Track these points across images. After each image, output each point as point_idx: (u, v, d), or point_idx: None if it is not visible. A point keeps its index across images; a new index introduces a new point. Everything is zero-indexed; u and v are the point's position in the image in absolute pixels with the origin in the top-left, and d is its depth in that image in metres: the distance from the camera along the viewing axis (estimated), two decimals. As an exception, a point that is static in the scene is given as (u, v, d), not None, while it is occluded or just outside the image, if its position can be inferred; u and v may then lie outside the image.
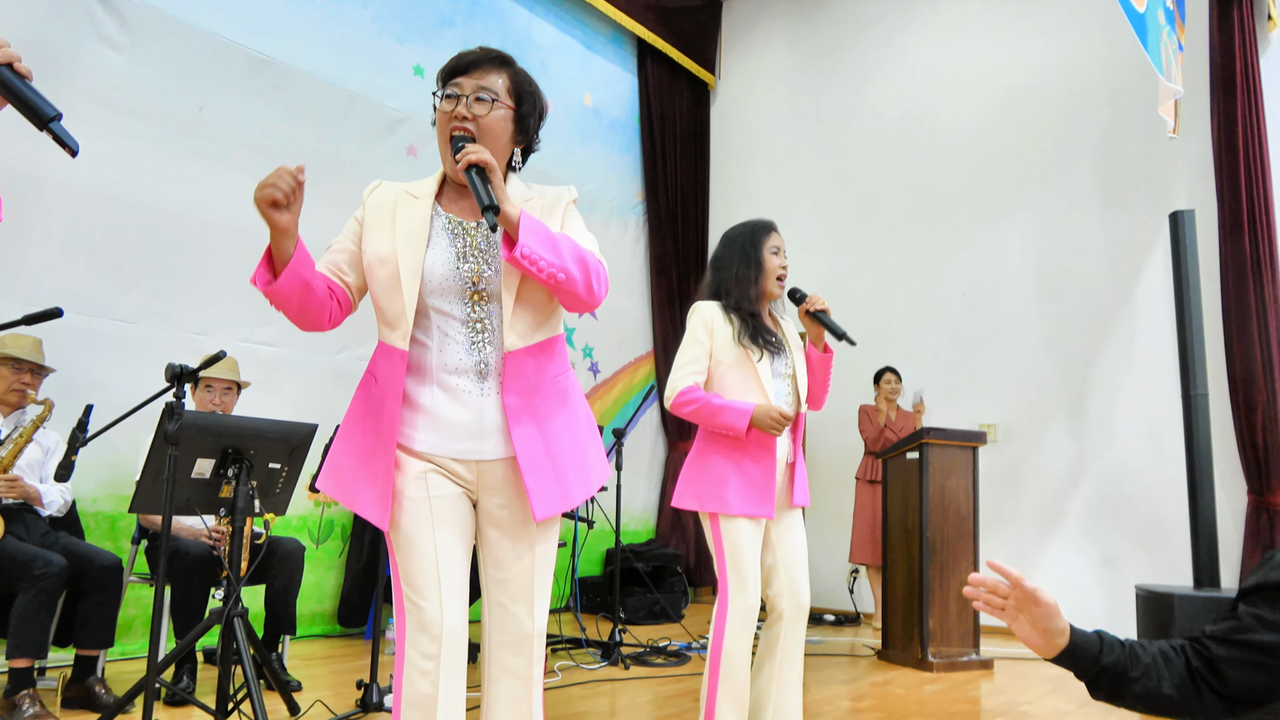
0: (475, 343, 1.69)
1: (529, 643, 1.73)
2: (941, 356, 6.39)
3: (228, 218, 4.64)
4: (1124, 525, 5.57)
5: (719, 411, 2.49)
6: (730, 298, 2.64)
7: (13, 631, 3.00)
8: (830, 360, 2.69)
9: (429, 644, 1.63)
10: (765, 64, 7.81)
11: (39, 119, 1.12)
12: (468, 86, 1.69)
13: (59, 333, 3.69)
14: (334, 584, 4.99)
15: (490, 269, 1.70)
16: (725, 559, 2.50)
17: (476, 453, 1.70)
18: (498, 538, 1.75)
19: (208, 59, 4.61)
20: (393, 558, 1.70)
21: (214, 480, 2.95)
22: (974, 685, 4.25)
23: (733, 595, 2.47)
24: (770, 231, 2.68)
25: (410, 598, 1.66)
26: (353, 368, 5.14)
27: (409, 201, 1.74)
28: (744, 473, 2.51)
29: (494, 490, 1.73)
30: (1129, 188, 5.79)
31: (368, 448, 1.70)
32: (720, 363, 2.58)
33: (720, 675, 2.45)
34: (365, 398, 1.74)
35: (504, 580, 1.74)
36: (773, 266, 2.64)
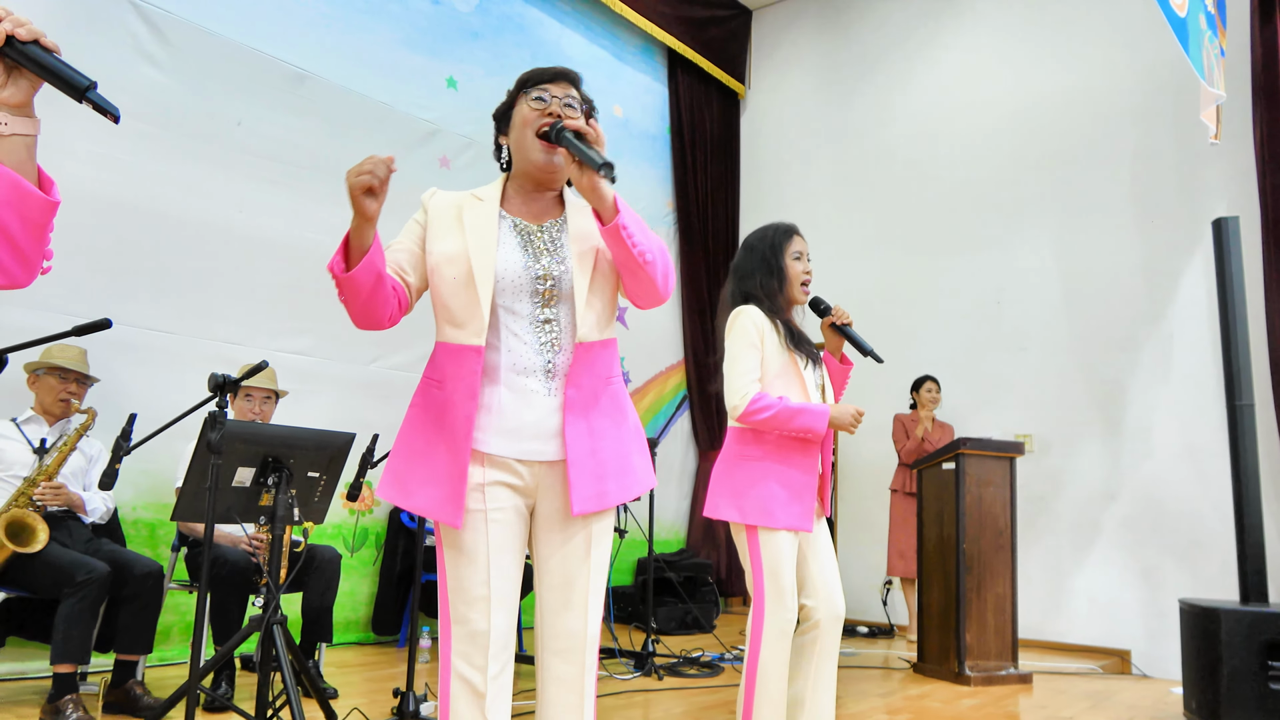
0: (544, 342, 1.70)
1: (581, 650, 1.72)
2: (972, 367, 6.32)
3: (265, 230, 4.70)
4: (1163, 539, 5.47)
5: (796, 414, 2.42)
6: (764, 304, 2.57)
7: (57, 637, 3.04)
8: (849, 372, 2.67)
9: (477, 655, 1.63)
10: (795, 74, 7.80)
11: (75, 90, 1.13)
12: (554, 92, 1.76)
13: (99, 344, 3.75)
14: (368, 592, 5.02)
15: (561, 267, 1.73)
16: (764, 571, 2.45)
17: (540, 453, 1.70)
18: (551, 542, 1.74)
19: (245, 74, 4.68)
20: (443, 566, 1.70)
21: (254, 488, 2.98)
22: (1013, 700, 4.19)
23: (770, 608, 2.43)
24: (792, 236, 2.62)
25: (458, 608, 1.66)
26: (385, 377, 5.18)
27: (474, 204, 1.77)
28: (789, 484, 2.46)
29: (552, 493, 1.73)
30: (1162, 198, 5.70)
31: (435, 449, 1.68)
32: (769, 371, 2.50)
33: (757, 689, 2.42)
34: (428, 401, 1.73)
35: (556, 586, 1.73)
36: (796, 273, 2.58)
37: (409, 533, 5.01)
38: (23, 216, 1.17)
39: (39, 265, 1.24)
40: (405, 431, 1.75)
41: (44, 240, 1.21)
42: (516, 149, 1.79)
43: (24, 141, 1.16)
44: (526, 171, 1.78)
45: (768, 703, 2.42)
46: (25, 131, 1.16)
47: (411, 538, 4.99)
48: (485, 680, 1.63)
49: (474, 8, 5.99)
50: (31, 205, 1.17)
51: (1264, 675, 3.56)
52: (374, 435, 3.52)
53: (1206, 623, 3.70)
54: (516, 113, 1.79)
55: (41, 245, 1.21)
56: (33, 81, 1.16)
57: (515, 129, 1.78)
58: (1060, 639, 5.70)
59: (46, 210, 1.18)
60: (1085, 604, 5.68)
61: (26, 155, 1.17)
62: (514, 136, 1.79)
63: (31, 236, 1.19)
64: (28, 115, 1.17)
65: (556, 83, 1.78)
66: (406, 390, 5.92)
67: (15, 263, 1.20)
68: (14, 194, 1.16)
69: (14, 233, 1.18)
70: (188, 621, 4.20)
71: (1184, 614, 3.89)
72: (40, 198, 1.17)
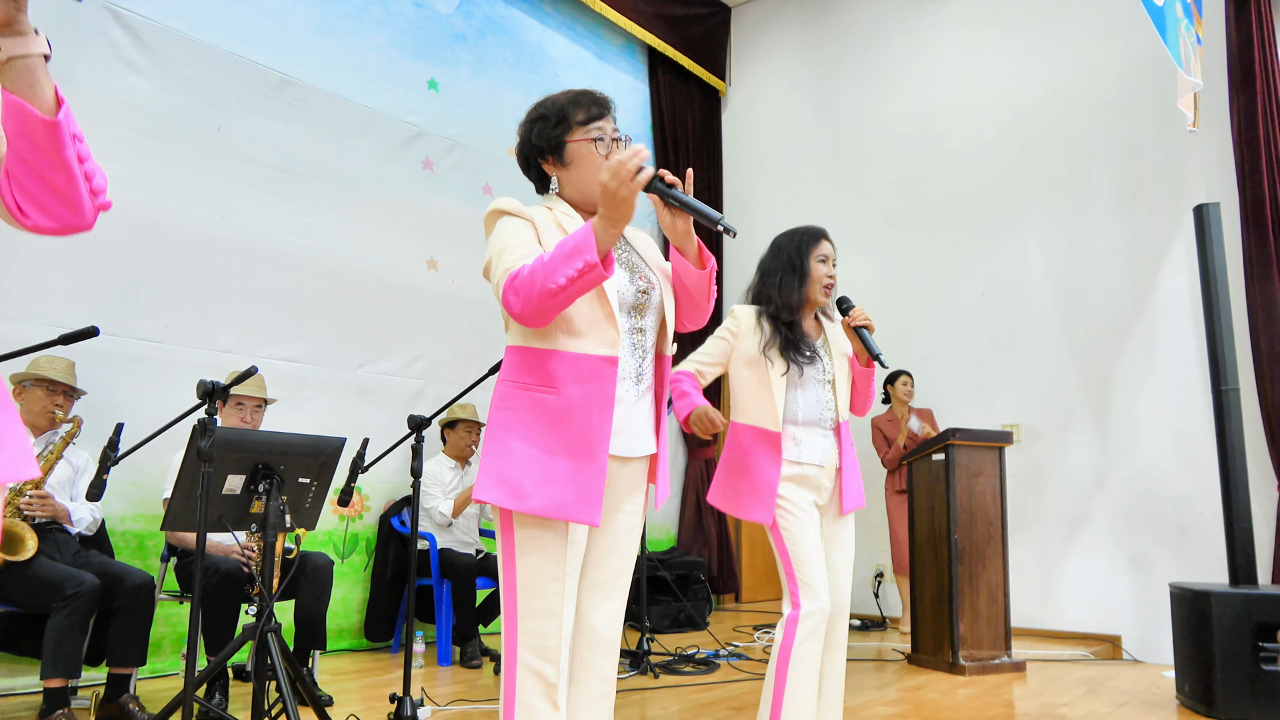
0: (636, 348, 1.85)
1: (615, 645, 1.85)
2: (962, 360, 6.36)
3: (251, 236, 4.66)
4: (1152, 525, 5.51)
5: (680, 396, 2.62)
6: (770, 304, 2.65)
7: (47, 651, 3.00)
8: (872, 374, 2.71)
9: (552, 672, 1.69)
10: (776, 70, 7.82)
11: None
12: (608, 130, 1.89)
13: (85, 354, 3.71)
14: (360, 598, 4.99)
15: (651, 284, 1.89)
16: (791, 562, 2.50)
17: (630, 449, 1.84)
18: (609, 542, 1.86)
19: (226, 79, 4.64)
20: (515, 568, 1.73)
21: (245, 496, 2.96)
22: (1007, 688, 4.21)
23: (804, 597, 2.47)
24: (819, 239, 2.68)
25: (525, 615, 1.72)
26: (374, 383, 5.16)
27: (571, 222, 1.84)
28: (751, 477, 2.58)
29: (625, 495, 1.87)
30: (1146, 189, 5.75)
31: (556, 452, 1.72)
32: (739, 364, 2.65)
33: (789, 682, 2.43)
34: (541, 406, 1.75)
35: (600, 582, 1.84)
36: (819, 275, 2.64)
37: (400, 538, 4.98)
38: (33, 144, 1.10)
39: (82, 201, 1.16)
40: (512, 436, 1.75)
41: (67, 169, 1.13)
42: (583, 186, 1.87)
43: (24, 64, 1.09)
44: (587, 208, 1.89)
45: (798, 696, 2.43)
46: (22, 52, 1.08)
47: (403, 543, 4.97)
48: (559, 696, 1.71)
49: (455, 10, 5.97)
50: (37, 130, 1.10)
51: (1255, 657, 3.59)
52: (364, 440, 3.50)
53: (1197, 606, 3.74)
54: (577, 150, 1.87)
55: (68, 175, 1.13)
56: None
57: (581, 169, 1.87)
58: (1053, 627, 5.74)
59: (50, 131, 1.10)
60: (1077, 591, 5.72)
61: (31, 79, 1.09)
62: (578, 175, 1.88)
63: (51, 165, 1.12)
64: (21, 33, 1.08)
65: (605, 118, 1.90)
66: (396, 395, 5.90)
67: (53, 197, 1.13)
68: (21, 122, 1.09)
69: (34, 163, 1.11)
70: (179, 633, 4.17)
71: (1175, 598, 3.92)
72: (41, 119, 1.09)
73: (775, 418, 2.56)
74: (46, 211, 1.13)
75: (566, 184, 1.90)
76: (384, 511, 5.11)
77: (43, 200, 1.13)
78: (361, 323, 5.15)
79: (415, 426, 3.41)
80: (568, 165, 1.88)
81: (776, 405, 2.55)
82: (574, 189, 1.89)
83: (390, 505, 5.13)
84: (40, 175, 1.11)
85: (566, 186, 1.90)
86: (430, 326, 5.51)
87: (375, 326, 5.23)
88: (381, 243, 5.30)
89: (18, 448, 1.15)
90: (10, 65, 1.08)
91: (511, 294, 1.68)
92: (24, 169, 1.11)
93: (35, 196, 1.13)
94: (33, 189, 1.12)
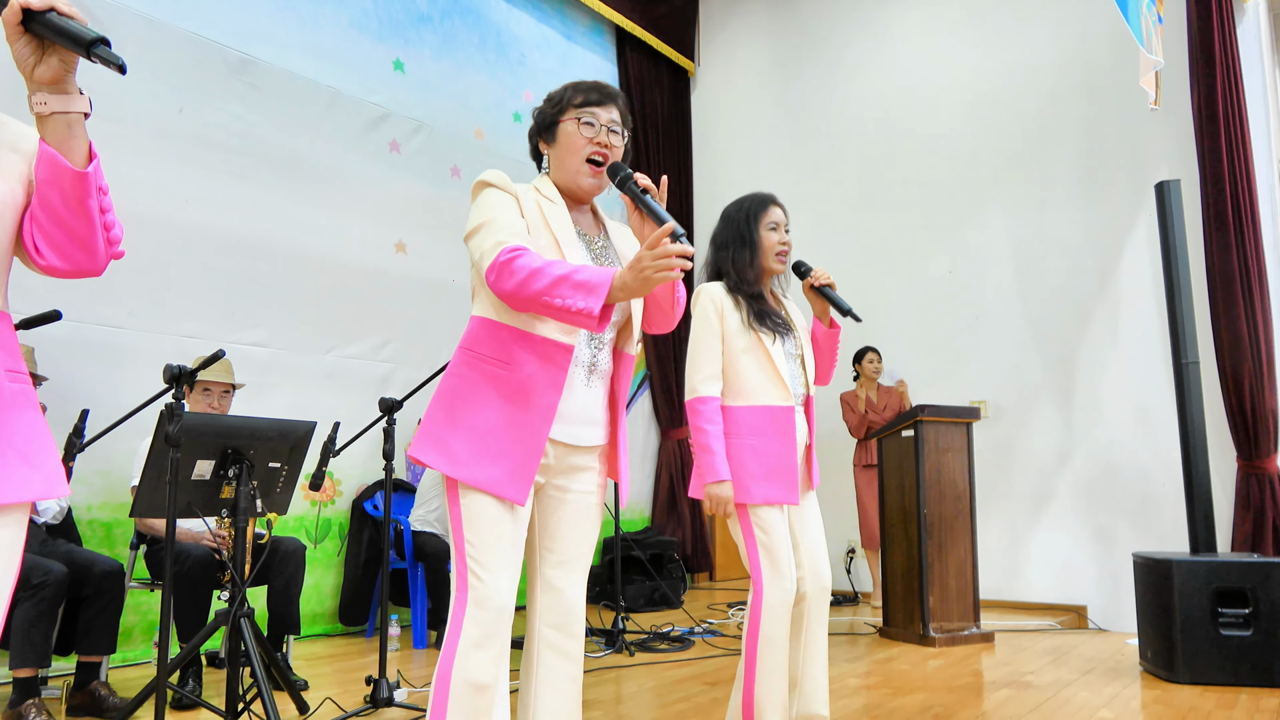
0: (593, 339, 1.86)
1: (582, 615, 1.89)
2: (928, 340, 6.43)
3: (208, 220, 4.59)
4: (1115, 498, 5.63)
5: (706, 450, 2.45)
6: (730, 279, 2.57)
7: (15, 641, 2.96)
8: (838, 335, 2.65)
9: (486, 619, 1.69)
10: (745, 51, 7.81)
11: (81, 45, 1.12)
12: (603, 118, 1.89)
13: (46, 341, 3.65)
14: (333, 583, 4.97)
15: None
16: (757, 546, 2.46)
17: (577, 437, 1.84)
18: (567, 519, 1.88)
19: (186, 60, 4.55)
20: (462, 533, 1.73)
21: (214, 481, 2.94)
22: (976, 659, 4.29)
23: (768, 581, 2.44)
24: (767, 206, 2.60)
25: (476, 572, 1.71)
26: (342, 366, 5.12)
27: (550, 206, 1.86)
28: (765, 460, 2.47)
29: (576, 474, 1.88)
30: (1107, 168, 5.83)
31: (494, 427, 1.74)
32: (732, 349, 2.50)
33: (759, 663, 2.42)
34: (495, 380, 1.77)
35: (565, 560, 1.87)
36: (770, 243, 2.56)
37: (374, 522, 4.96)
38: (63, 193, 1.17)
39: (98, 248, 1.23)
40: (459, 403, 1.78)
41: (89, 218, 1.20)
42: (562, 167, 1.90)
43: (65, 119, 1.17)
44: (570, 190, 1.91)
45: (769, 676, 2.42)
46: (65, 109, 1.16)
47: (376, 526, 4.95)
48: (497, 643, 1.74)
49: (419, -12, 5.89)
50: (67, 181, 1.17)
51: (1215, 622, 3.69)
52: (335, 424, 3.48)
53: (1159, 574, 3.83)
54: (564, 130, 1.89)
55: (90, 225, 1.20)
56: (65, 59, 1.15)
57: (563, 148, 1.90)
58: (1020, 598, 5.85)
59: (79, 183, 1.17)
60: (1043, 564, 5.83)
61: (68, 133, 1.17)
62: (561, 154, 1.90)
63: (76, 214, 1.19)
64: (66, 92, 1.16)
65: (605, 106, 1.90)
66: (364, 379, 5.85)
67: (73, 244, 1.21)
68: (53, 171, 1.16)
69: (60, 211, 1.18)
70: (150, 621, 4.13)
71: (1137, 567, 4.02)
72: (72, 171, 1.17)
73: (784, 392, 2.50)
74: (64, 255, 1.22)
75: (554, 163, 1.92)
76: (356, 496, 5.09)
77: (62, 245, 1.21)
78: (329, 307, 5.10)
79: (386, 410, 3.40)
80: (555, 144, 1.91)
81: (784, 377, 2.49)
82: (556, 169, 1.91)
83: (363, 490, 5.10)
84: (64, 222, 1.19)
85: (554, 167, 1.92)
86: (399, 310, 5.46)
87: (343, 311, 5.18)
88: (348, 226, 5.25)
89: (52, 464, 1.21)
90: (52, 119, 1.16)
91: (503, 273, 1.67)
92: (49, 215, 1.19)
93: (55, 241, 1.21)
94: (54, 234, 1.20)
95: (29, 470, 1.19)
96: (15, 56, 1.14)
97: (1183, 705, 3.35)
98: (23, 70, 1.15)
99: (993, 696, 3.51)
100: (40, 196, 1.19)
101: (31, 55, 1.14)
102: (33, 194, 1.22)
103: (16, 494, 1.16)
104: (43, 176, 1.18)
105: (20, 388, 1.22)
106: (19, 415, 1.19)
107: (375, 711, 3.20)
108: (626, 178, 1.82)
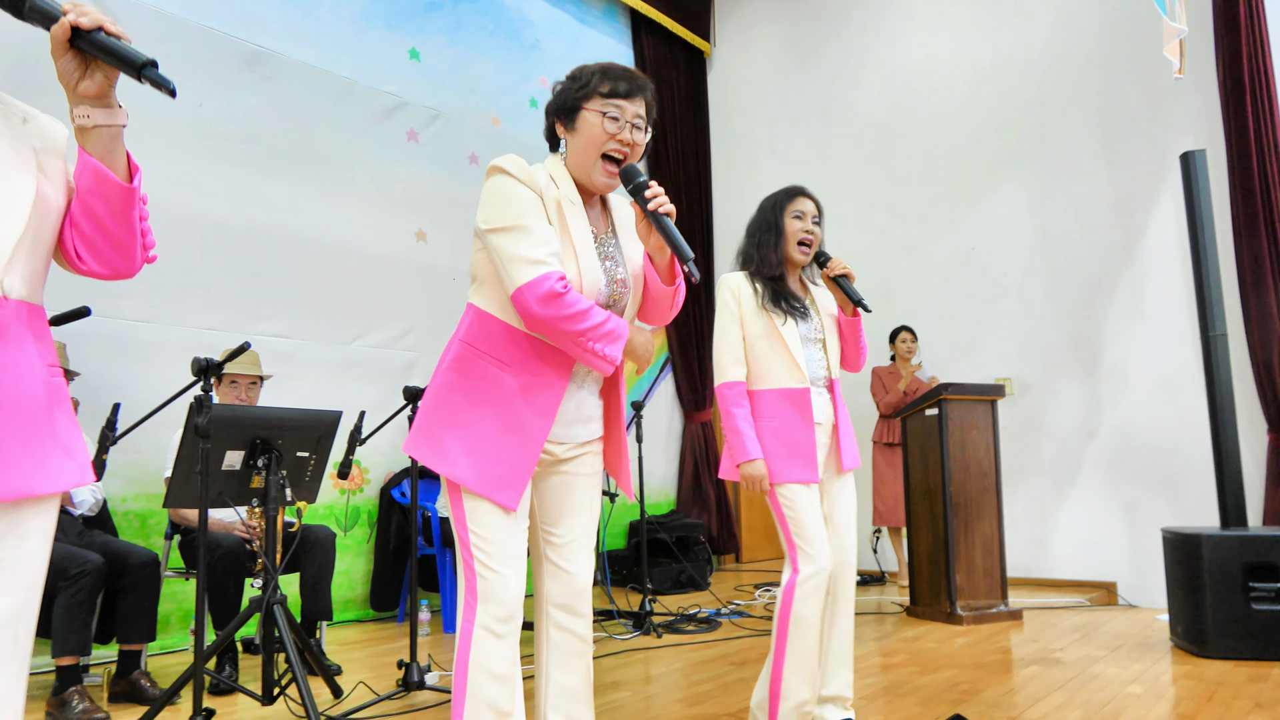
0: None
1: (589, 594, 1.89)
2: (950, 316, 6.38)
3: (229, 213, 4.64)
4: (1143, 472, 5.58)
5: (736, 431, 2.54)
6: (752, 264, 2.67)
7: (57, 631, 3.03)
8: (858, 324, 2.70)
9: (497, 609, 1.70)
10: (760, 30, 7.74)
11: (133, 68, 1.16)
12: (629, 112, 1.82)
13: (76, 337, 3.71)
14: (363, 570, 5.04)
15: (625, 287, 1.88)
16: (788, 526, 2.51)
17: (572, 436, 1.86)
18: (567, 502, 1.89)
19: (203, 55, 4.59)
20: (466, 526, 1.73)
21: (244, 471, 2.98)
22: (1004, 636, 4.29)
23: (801, 561, 2.48)
24: (795, 196, 2.67)
25: (483, 562, 1.71)
26: (364, 356, 5.17)
27: (571, 209, 1.81)
28: (785, 440, 2.53)
29: (574, 460, 1.89)
30: (1130, 139, 5.74)
31: (485, 424, 1.74)
32: (750, 334, 2.59)
33: (789, 640, 2.46)
34: (493, 380, 1.75)
35: (568, 543, 1.88)
36: (793, 231, 2.63)
37: (402, 509, 5.02)
38: (108, 204, 1.23)
39: (136, 253, 1.30)
40: (455, 399, 1.76)
41: (131, 228, 1.26)
42: (579, 158, 1.83)
43: (108, 132, 1.22)
44: (582, 182, 1.86)
45: (799, 654, 2.46)
46: (108, 122, 1.21)
47: (405, 513, 5.01)
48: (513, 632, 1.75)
49: (432, -24, 5.89)
50: (113, 193, 1.23)
51: (1246, 596, 3.66)
52: (361, 413, 3.52)
53: (1189, 549, 3.80)
54: (585, 118, 1.81)
55: (131, 233, 1.27)
56: (108, 74, 1.19)
57: (582, 138, 1.82)
58: (1049, 575, 5.83)
59: (125, 196, 1.24)
60: (1071, 540, 5.80)
61: (111, 145, 1.23)
62: (579, 144, 1.83)
63: (119, 224, 1.25)
64: (109, 106, 1.21)
65: (633, 99, 1.82)
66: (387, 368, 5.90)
67: (113, 250, 1.27)
68: (97, 183, 1.22)
69: (104, 220, 1.24)
70: (185, 609, 4.21)
71: (1167, 542, 3.99)
72: (119, 185, 1.23)
73: (798, 373, 2.55)
74: (104, 260, 1.28)
75: (570, 151, 1.85)
76: (384, 484, 5.15)
77: (104, 251, 1.28)
78: (351, 297, 5.15)
79: (410, 398, 3.43)
80: (574, 130, 1.83)
81: (797, 358, 2.55)
82: (572, 157, 1.84)
83: (390, 477, 5.16)
84: (108, 231, 1.26)
85: (570, 154, 1.85)
86: (421, 299, 5.50)
87: (365, 300, 5.22)
88: (368, 216, 5.28)
89: (84, 454, 1.28)
90: (95, 131, 1.21)
91: (549, 302, 1.66)
92: (93, 223, 1.25)
93: (97, 247, 1.27)
94: (97, 241, 1.26)
95: (68, 461, 1.24)
96: (60, 71, 1.17)
97: (1213, 680, 3.33)
98: (66, 85, 1.18)
99: (1021, 673, 3.50)
100: (83, 205, 1.24)
101: (76, 71, 1.18)
102: (71, 198, 1.26)
103: (59, 483, 1.22)
104: (86, 186, 1.23)
105: (57, 382, 1.26)
106: (58, 409, 1.24)
107: (407, 695, 3.25)
108: (641, 186, 1.77)
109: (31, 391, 1.19)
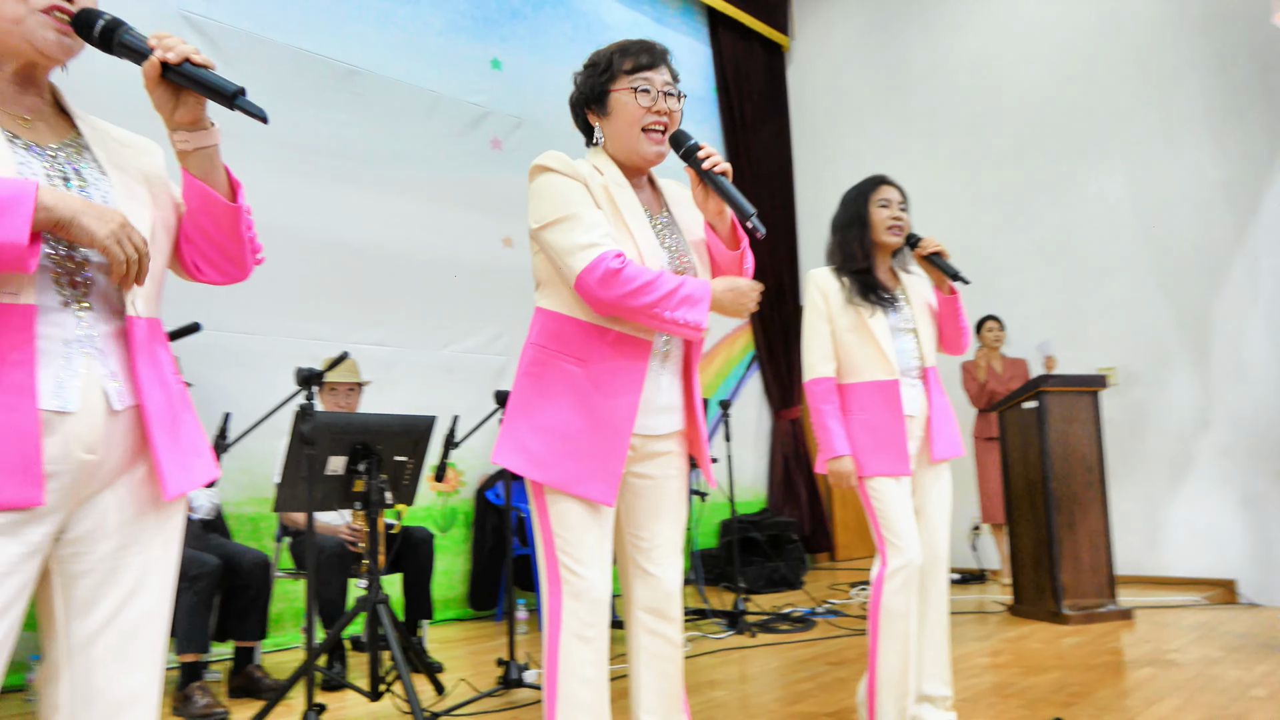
0: None
1: (679, 598, 1.86)
2: (1047, 303, 6.16)
3: (325, 227, 4.81)
4: (1262, 463, 5.27)
5: (824, 428, 2.55)
6: (837, 258, 2.65)
7: (179, 629, 3.20)
8: (956, 301, 2.64)
9: (585, 611, 1.70)
10: (839, 21, 7.62)
11: (225, 98, 1.20)
12: (657, 82, 1.79)
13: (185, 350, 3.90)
14: (462, 570, 5.16)
15: (689, 266, 1.83)
16: (877, 519, 2.50)
17: (654, 427, 1.81)
18: (652, 507, 1.85)
19: (295, 74, 4.78)
20: (550, 528, 1.73)
21: (347, 476, 3.09)
22: (1114, 636, 4.12)
23: (890, 554, 2.45)
24: (879, 185, 2.64)
25: (569, 566, 1.71)
26: (458, 361, 5.29)
27: (619, 190, 1.79)
28: (874, 433, 2.51)
29: (656, 460, 1.85)
30: (1238, 111, 5.43)
31: (585, 428, 1.72)
32: (838, 328, 2.57)
33: (881, 635, 2.44)
34: (571, 378, 1.74)
35: (655, 547, 1.85)
36: (880, 219, 2.60)
37: (497, 510, 5.12)
38: (216, 222, 1.31)
39: (247, 262, 1.39)
40: (537, 403, 1.76)
41: (240, 240, 1.34)
42: (620, 140, 1.81)
43: (206, 153, 1.28)
44: (631, 162, 1.83)
45: (890, 650, 2.44)
46: (204, 144, 1.28)
47: (500, 515, 5.11)
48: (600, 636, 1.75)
49: (511, -14, 5.99)
50: (220, 212, 1.30)
51: (1382, 593, 3.43)
52: (454, 417, 3.61)
53: (1316, 544, 3.58)
54: (617, 100, 1.80)
55: (241, 245, 1.35)
56: (199, 99, 1.26)
57: (619, 120, 1.80)
58: (1161, 573, 5.56)
59: (231, 215, 1.31)
60: (1185, 535, 5.53)
61: (210, 165, 1.29)
62: (617, 126, 1.81)
63: (230, 238, 1.33)
64: (204, 128, 1.27)
65: (657, 69, 1.80)
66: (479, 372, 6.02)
67: (226, 261, 1.37)
68: (204, 203, 1.29)
69: (215, 236, 1.32)
70: (296, 608, 4.39)
71: (1291, 537, 3.76)
72: (225, 204, 1.30)
73: (889, 365, 2.53)
74: (219, 270, 1.37)
75: (609, 136, 1.83)
76: (479, 486, 5.26)
77: (219, 263, 1.36)
78: (444, 304, 5.28)
79: (502, 401, 3.49)
80: (609, 115, 1.81)
81: (886, 351, 2.52)
82: (613, 141, 1.82)
83: (485, 479, 5.27)
84: (219, 244, 1.34)
85: (609, 139, 1.83)
86: (510, 303, 5.59)
87: (457, 306, 5.35)
88: (457, 225, 5.41)
89: (210, 452, 1.38)
90: (195, 154, 1.27)
91: (610, 281, 1.64)
92: (205, 239, 1.33)
93: (212, 259, 1.36)
94: (211, 254, 1.35)
95: (198, 459, 1.33)
96: (155, 103, 1.24)
97: (1348, 682, 3.13)
98: (162, 113, 1.25)
99: (1134, 675, 3.36)
100: (194, 223, 1.32)
101: (169, 101, 1.24)
102: (181, 216, 1.34)
103: (194, 481, 1.30)
104: (195, 206, 1.30)
105: (182, 389, 1.35)
106: (186, 411, 1.33)
107: (507, 692, 3.31)
108: (693, 149, 1.73)
109: (169, 399, 1.27)
